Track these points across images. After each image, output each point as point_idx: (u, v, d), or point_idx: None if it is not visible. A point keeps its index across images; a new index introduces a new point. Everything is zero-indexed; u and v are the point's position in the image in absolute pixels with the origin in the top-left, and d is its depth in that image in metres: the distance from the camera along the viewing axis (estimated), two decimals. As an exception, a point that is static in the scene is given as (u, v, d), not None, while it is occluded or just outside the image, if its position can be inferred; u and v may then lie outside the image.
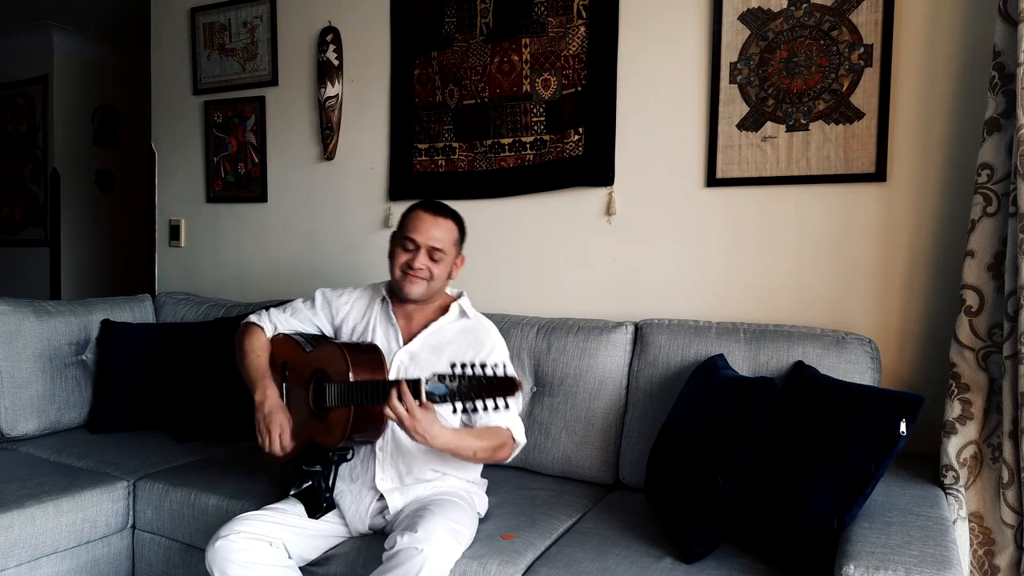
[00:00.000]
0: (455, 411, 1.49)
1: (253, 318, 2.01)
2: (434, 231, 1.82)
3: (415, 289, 1.83)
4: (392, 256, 1.87)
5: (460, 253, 1.92)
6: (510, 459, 1.81)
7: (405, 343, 1.88)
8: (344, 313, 1.97)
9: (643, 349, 2.17)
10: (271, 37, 3.09)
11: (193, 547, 2.07)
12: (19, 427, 2.51)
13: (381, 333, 1.90)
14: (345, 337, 1.95)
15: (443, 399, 1.50)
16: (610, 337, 2.21)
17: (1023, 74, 1.68)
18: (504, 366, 1.49)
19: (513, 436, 1.77)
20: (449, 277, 1.89)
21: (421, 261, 1.81)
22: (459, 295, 1.96)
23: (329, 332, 2.00)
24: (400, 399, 1.54)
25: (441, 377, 1.51)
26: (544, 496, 2.02)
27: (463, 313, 1.91)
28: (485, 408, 1.47)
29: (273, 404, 1.83)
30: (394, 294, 1.91)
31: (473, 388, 1.47)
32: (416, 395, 1.53)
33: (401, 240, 1.85)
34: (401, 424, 1.56)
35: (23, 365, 2.52)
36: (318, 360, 1.82)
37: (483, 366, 1.49)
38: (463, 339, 1.87)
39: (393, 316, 1.91)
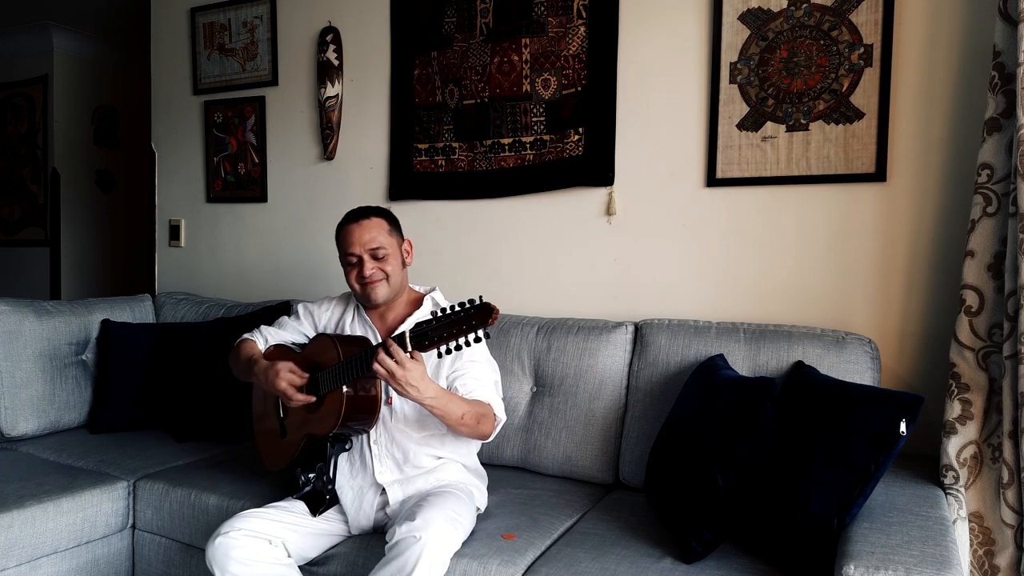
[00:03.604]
0: (440, 355, 1.56)
1: (245, 335, 2.08)
2: (364, 236, 1.86)
3: (379, 292, 1.88)
4: (346, 277, 1.92)
5: (403, 239, 1.96)
6: (492, 437, 1.82)
7: None
8: (326, 320, 2.05)
9: (643, 349, 2.17)
10: (271, 37, 3.09)
11: (193, 547, 2.08)
12: (19, 427, 2.51)
13: (359, 335, 1.94)
14: None
15: (429, 344, 1.55)
16: (610, 337, 2.21)
17: (1023, 74, 1.68)
18: (480, 297, 1.54)
19: (494, 411, 1.80)
20: (404, 266, 1.94)
21: (369, 267, 1.86)
22: (431, 289, 2.00)
23: None
24: (389, 354, 1.58)
25: (422, 323, 1.57)
26: (544, 496, 2.03)
27: (436, 305, 1.94)
28: (467, 343, 1.53)
29: (263, 363, 1.89)
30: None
31: (453, 324, 1.52)
32: (403, 346, 1.58)
33: (344, 261, 1.91)
34: (392, 379, 1.58)
35: (23, 365, 2.52)
36: (311, 355, 1.88)
37: (456, 304, 1.54)
38: None
39: (368, 319, 1.96)
